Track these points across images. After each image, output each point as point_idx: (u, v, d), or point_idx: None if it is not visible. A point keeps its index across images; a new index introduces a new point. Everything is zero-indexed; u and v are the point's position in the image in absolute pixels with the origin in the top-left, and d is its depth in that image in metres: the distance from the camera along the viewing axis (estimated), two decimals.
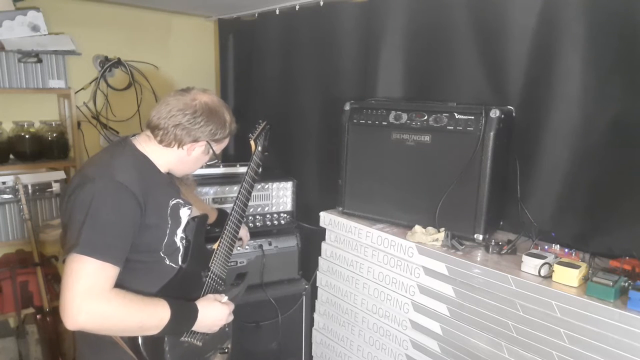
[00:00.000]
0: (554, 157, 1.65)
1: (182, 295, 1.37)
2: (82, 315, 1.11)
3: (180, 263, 1.41)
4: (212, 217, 1.84)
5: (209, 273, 1.51)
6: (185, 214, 1.42)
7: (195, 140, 1.36)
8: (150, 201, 1.27)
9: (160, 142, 1.35)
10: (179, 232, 1.40)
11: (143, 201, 1.24)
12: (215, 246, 1.57)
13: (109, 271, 1.16)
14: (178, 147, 1.36)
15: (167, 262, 1.37)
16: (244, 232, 1.94)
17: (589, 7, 1.51)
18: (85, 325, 1.14)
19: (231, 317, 1.48)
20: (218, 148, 1.44)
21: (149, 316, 1.22)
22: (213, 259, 1.54)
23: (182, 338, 1.40)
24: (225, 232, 1.59)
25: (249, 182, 1.67)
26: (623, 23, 1.45)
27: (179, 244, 1.40)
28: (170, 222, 1.35)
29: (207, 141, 1.38)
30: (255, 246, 2.30)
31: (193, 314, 1.34)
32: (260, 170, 1.72)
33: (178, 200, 1.40)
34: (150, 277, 1.33)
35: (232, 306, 1.47)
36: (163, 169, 1.39)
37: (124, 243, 1.21)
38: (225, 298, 1.46)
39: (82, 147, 2.72)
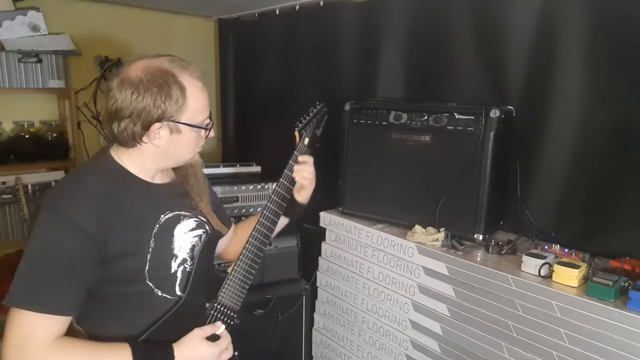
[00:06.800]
0: (554, 157, 1.65)
1: (178, 333, 1.14)
2: None
3: (178, 292, 1.19)
4: (243, 233, 1.41)
5: (216, 305, 1.24)
6: (185, 228, 1.22)
7: (147, 128, 1.09)
8: (116, 228, 1.08)
9: (121, 144, 1.13)
10: (180, 254, 1.20)
11: (102, 233, 1.06)
12: (229, 270, 1.28)
13: (48, 322, 1.02)
14: (139, 142, 1.11)
15: (159, 294, 1.16)
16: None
17: (589, 7, 1.51)
18: None
19: (227, 354, 1.21)
20: (189, 116, 1.12)
21: None
22: (223, 287, 1.26)
23: None
24: (245, 250, 1.28)
25: (285, 186, 1.35)
26: (623, 23, 1.45)
27: (175, 269, 1.19)
28: (153, 245, 1.14)
29: (161, 121, 1.09)
30: None
31: (166, 357, 1.10)
32: None
33: (176, 213, 1.21)
34: (135, 312, 1.15)
35: (226, 341, 1.20)
36: (148, 176, 1.19)
37: (68, 287, 1.05)
38: (221, 328, 1.20)
39: (82, 147, 2.72)
